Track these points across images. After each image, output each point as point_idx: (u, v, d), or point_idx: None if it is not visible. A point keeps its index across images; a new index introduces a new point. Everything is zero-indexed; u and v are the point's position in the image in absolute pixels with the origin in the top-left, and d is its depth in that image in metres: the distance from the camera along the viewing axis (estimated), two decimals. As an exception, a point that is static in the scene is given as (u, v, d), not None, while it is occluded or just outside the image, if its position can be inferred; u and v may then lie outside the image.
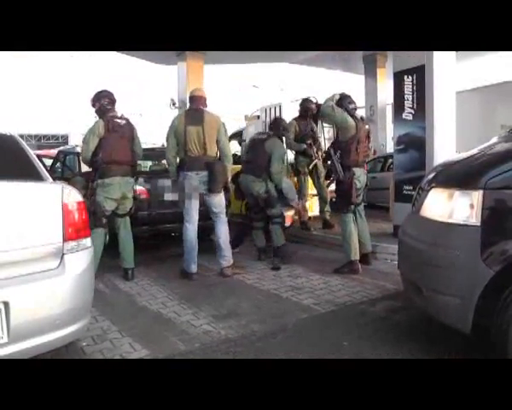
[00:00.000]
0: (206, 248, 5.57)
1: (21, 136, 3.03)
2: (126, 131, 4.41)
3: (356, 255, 4.45)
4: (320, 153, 6.38)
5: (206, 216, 4.60)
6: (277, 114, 7.92)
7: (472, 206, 2.12)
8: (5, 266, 2.02)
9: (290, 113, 7.79)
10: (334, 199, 5.09)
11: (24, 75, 28.90)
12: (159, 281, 4.38)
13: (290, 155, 6.58)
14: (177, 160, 4.50)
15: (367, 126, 4.70)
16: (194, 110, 4.47)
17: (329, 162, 4.75)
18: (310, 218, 7.00)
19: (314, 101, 6.64)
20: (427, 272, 2.36)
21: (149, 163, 7.14)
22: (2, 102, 26.69)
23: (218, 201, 4.46)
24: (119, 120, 4.40)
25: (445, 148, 5.09)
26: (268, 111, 8.36)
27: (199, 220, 4.50)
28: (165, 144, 4.64)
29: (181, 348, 2.79)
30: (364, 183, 4.63)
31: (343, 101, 4.48)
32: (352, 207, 4.50)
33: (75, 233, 2.33)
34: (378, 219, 7.13)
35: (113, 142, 4.28)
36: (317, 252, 5.62)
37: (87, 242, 2.40)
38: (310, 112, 6.43)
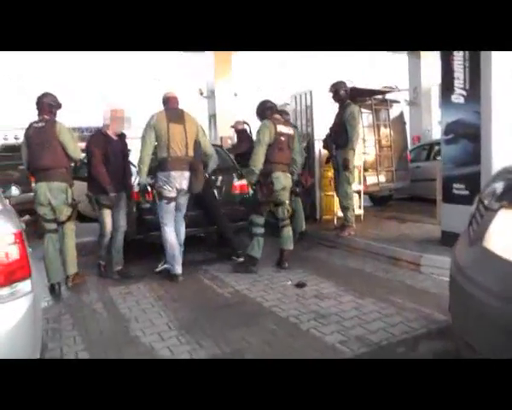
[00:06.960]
0: (224, 259, 5.01)
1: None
2: (46, 135, 4.00)
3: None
4: None
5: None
6: (308, 103, 7.24)
7: None
8: None
9: (321, 99, 7.08)
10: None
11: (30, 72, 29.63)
12: (162, 300, 3.88)
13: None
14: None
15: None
16: (173, 109, 4.29)
17: None
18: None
19: (347, 84, 5.87)
20: (490, 335, 1.61)
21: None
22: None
23: (185, 201, 4.43)
24: (38, 124, 4.05)
25: (506, 138, 4.17)
26: (298, 98, 7.65)
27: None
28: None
29: None
30: None
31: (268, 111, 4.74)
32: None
33: (8, 276, 1.77)
34: (423, 218, 6.26)
35: (35, 148, 4.00)
36: (350, 260, 4.90)
37: (25, 286, 1.83)
38: (339, 98, 5.71)
